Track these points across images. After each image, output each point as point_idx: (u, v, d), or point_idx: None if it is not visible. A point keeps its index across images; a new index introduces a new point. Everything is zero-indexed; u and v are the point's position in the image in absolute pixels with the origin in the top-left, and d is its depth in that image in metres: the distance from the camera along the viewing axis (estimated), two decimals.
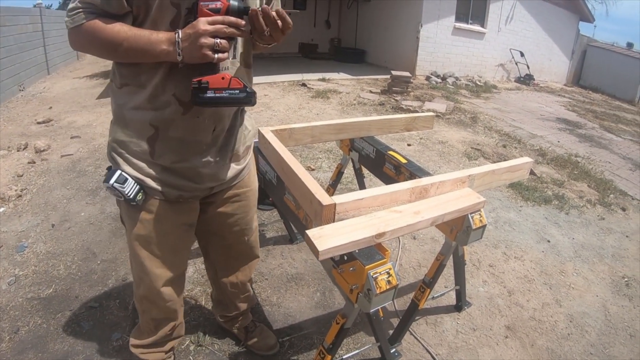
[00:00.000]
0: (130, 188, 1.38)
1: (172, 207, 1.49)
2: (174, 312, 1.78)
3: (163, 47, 1.22)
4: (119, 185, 1.36)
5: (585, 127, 8.81)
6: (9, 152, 4.54)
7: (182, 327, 1.92)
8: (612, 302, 2.94)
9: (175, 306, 1.77)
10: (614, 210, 4.53)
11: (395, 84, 9.01)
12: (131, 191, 1.38)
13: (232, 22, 1.21)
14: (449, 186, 1.89)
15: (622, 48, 19.14)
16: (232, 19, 1.21)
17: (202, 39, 1.18)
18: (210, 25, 1.18)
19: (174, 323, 1.83)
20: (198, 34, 1.17)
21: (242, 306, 2.11)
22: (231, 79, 1.27)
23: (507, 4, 13.19)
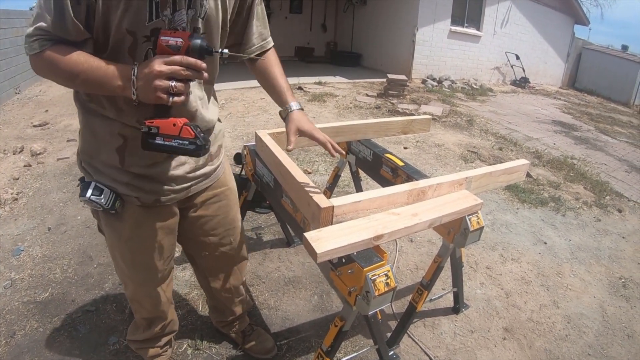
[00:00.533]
0: (107, 198, 1.35)
1: (150, 212, 1.47)
2: (162, 313, 1.81)
3: (119, 82, 1.14)
4: (96, 197, 1.33)
5: (581, 129, 8.84)
6: (4, 155, 4.53)
7: (175, 323, 1.95)
8: (610, 303, 2.95)
9: (163, 307, 1.79)
10: (610, 211, 4.54)
11: (392, 87, 9.03)
12: (108, 201, 1.35)
13: (191, 64, 1.13)
14: (446, 188, 1.89)
15: (617, 50, 19.21)
16: (192, 61, 1.13)
17: (156, 80, 1.10)
18: (166, 66, 1.10)
19: (164, 322, 1.85)
20: (152, 74, 1.10)
21: (238, 310, 2.11)
22: (182, 127, 1.19)
23: (503, 7, 13.24)
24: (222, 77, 1.55)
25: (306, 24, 14.93)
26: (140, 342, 1.91)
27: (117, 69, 1.14)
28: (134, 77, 1.12)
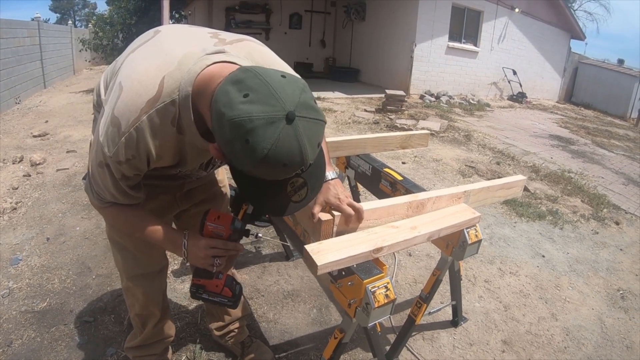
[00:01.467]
0: None
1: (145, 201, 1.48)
2: (154, 308, 1.84)
3: (171, 247, 1.39)
4: None
5: (578, 143, 8.90)
6: (4, 164, 4.55)
7: (171, 327, 1.98)
8: (608, 315, 2.96)
9: (155, 301, 1.84)
10: (608, 224, 4.57)
11: (390, 103, 9.09)
12: None
13: (230, 248, 1.37)
14: (445, 202, 1.92)
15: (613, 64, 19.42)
16: (231, 245, 1.37)
17: (202, 259, 1.35)
18: (211, 250, 1.34)
19: (156, 320, 1.87)
20: (200, 254, 1.34)
21: (233, 312, 2.12)
22: (223, 288, 1.46)
23: (500, 23, 13.39)
24: None
25: (305, 39, 15.06)
26: (137, 349, 1.93)
27: (170, 237, 1.38)
28: (185, 249, 1.35)
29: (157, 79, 1.11)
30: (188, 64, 1.12)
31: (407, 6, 11.54)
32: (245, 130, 0.91)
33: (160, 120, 1.13)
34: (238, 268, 2.92)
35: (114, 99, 1.14)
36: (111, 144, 1.14)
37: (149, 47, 1.22)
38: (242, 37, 1.32)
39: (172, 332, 2.01)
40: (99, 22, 13.52)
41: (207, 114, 1.06)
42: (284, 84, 0.96)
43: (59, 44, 11.84)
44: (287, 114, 0.92)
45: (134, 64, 1.18)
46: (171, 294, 2.59)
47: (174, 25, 1.37)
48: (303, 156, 0.97)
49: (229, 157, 1.01)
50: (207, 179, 1.82)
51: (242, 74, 0.98)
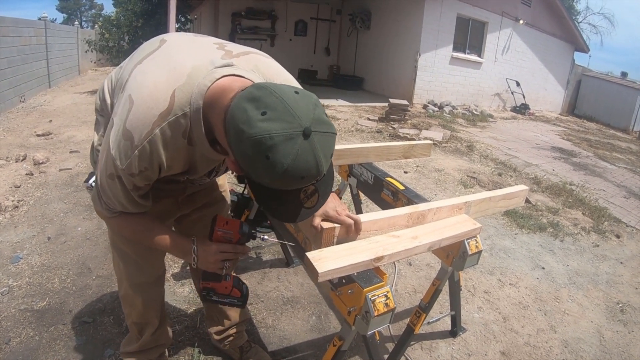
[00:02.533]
0: None
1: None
2: (152, 317, 1.85)
3: (181, 254, 1.44)
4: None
5: (580, 155, 8.91)
6: (7, 162, 4.57)
7: (166, 333, 1.98)
8: (607, 328, 2.96)
9: (153, 310, 1.84)
10: (608, 237, 4.57)
11: (393, 112, 9.12)
12: None
13: (239, 251, 1.44)
14: (446, 212, 1.93)
15: (617, 77, 19.43)
16: (240, 248, 1.44)
17: (213, 264, 1.41)
18: (221, 254, 1.40)
19: (155, 329, 1.88)
20: (211, 259, 1.40)
21: (233, 315, 2.13)
22: (232, 288, 1.53)
23: (504, 34, 13.43)
24: None
25: (310, 46, 15.12)
26: (134, 354, 1.93)
27: (179, 244, 1.42)
28: (194, 255, 1.40)
29: (168, 93, 1.13)
30: (198, 77, 1.15)
31: (412, 16, 11.59)
32: (266, 147, 0.95)
33: (172, 133, 1.16)
34: (238, 273, 2.93)
35: (125, 112, 1.15)
36: (124, 156, 1.16)
37: (156, 58, 1.24)
38: (248, 49, 1.34)
39: (170, 337, 2.02)
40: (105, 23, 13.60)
41: (218, 127, 1.11)
42: (299, 100, 1.00)
43: (65, 44, 11.90)
44: (304, 130, 0.97)
45: (143, 77, 1.19)
46: (171, 297, 2.60)
47: (180, 35, 1.38)
48: (319, 169, 1.02)
49: (248, 170, 1.04)
50: (209, 184, 1.84)
51: (257, 91, 1.01)
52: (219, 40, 1.36)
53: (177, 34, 1.40)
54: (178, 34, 1.40)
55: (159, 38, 1.33)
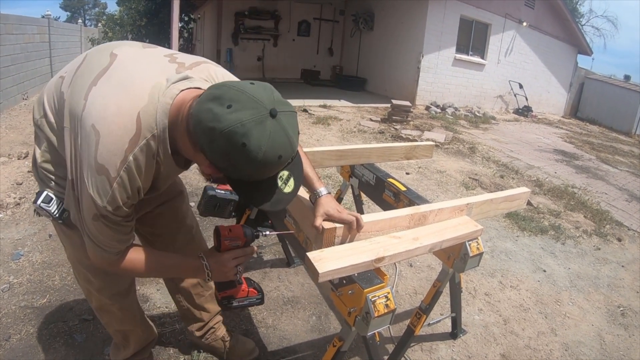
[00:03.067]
0: (56, 207, 1.40)
1: None
2: (132, 321, 1.84)
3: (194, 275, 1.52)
4: (45, 205, 1.38)
5: (582, 158, 8.90)
6: (9, 159, 4.57)
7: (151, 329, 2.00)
8: (608, 331, 2.96)
9: (131, 314, 1.83)
10: (610, 240, 4.56)
11: (396, 113, 9.11)
12: (57, 210, 1.40)
13: (248, 253, 1.47)
14: (447, 214, 1.93)
15: (620, 80, 19.40)
16: (249, 250, 1.47)
17: (229, 272, 1.44)
18: (235, 261, 1.43)
19: (139, 334, 1.89)
20: (226, 268, 1.42)
21: (212, 307, 2.12)
22: (249, 290, 1.56)
23: (507, 36, 13.42)
24: None
25: (313, 47, 15.13)
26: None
27: (190, 265, 1.45)
28: (207, 270, 1.41)
29: (132, 117, 1.13)
30: (158, 96, 1.16)
31: (415, 17, 11.59)
32: (240, 135, 0.99)
33: (144, 156, 1.17)
34: None
35: (93, 145, 1.13)
36: (103, 193, 1.16)
37: (112, 79, 1.20)
38: (198, 59, 1.36)
39: (155, 332, 2.03)
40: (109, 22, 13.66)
41: (181, 139, 1.15)
42: (256, 88, 1.06)
43: (68, 42, 11.90)
44: (270, 111, 1.02)
45: (102, 102, 1.15)
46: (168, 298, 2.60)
47: (129, 47, 1.35)
48: (292, 145, 1.08)
49: (227, 167, 1.08)
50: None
51: (216, 90, 1.06)
52: (168, 50, 1.37)
53: (126, 45, 1.36)
54: (127, 45, 1.37)
55: (108, 51, 1.30)
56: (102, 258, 1.31)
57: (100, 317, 1.82)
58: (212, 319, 2.15)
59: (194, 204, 3.79)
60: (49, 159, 1.39)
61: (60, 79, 1.33)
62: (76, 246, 1.51)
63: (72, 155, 1.21)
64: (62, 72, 1.37)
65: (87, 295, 1.75)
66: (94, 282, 1.64)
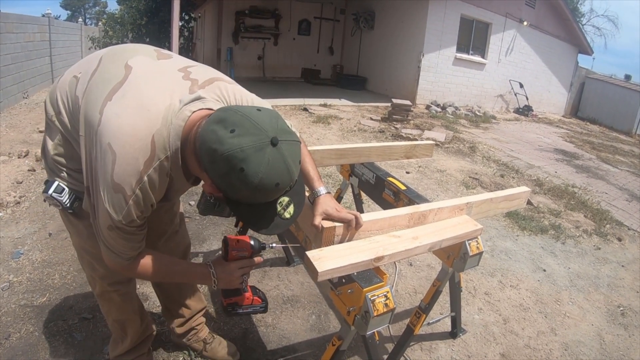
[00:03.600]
0: (67, 197, 1.43)
1: None
2: (131, 311, 1.86)
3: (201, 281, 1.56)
4: (57, 195, 1.42)
5: (583, 158, 8.89)
6: (9, 158, 4.58)
7: (150, 324, 2.01)
8: (608, 331, 2.96)
9: (130, 303, 1.86)
10: (610, 240, 4.56)
11: (396, 112, 9.11)
12: (68, 200, 1.44)
13: (254, 263, 1.52)
14: (447, 213, 1.93)
15: (620, 80, 19.38)
16: (255, 261, 1.51)
17: (235, 280, 1.49)
18: (241, 270, 1.48)
19: (136, 323, 1.90)
20: (233, 277, 1.48)
21: (193, 304, 2.13)
22: (253, 298, 1.61)
23: (508, 35, 13.41)
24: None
25: (313, 46, 15.11)
26: (125, 355, 1.94)
27: (198, 272, 1.51)
28: (214, 278, 1.47)
29: (147, 139, 1.17)
30: (171, 118, 1.20)
31: (415, 16, 11.58)
32: (239, 160, 1.03)
33: (158, 176, 1.22)
34: None
35: (109, 163, 1.16)
36: (119, 209, 1.20)
37: (127, 97, 1.22)
38: (212, 76, 1.37)
39: (153, 328, 2.05)
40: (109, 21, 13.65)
41: (190, 158, 1.20)
42: (261, 115, 1.10)
43: (69, 41, 11.90)
44: (271, 139, 1.06)
45: (118, 122, 1.18)
46: None
47: (144, 59, 1.36)
48: (291, 174, 1.12)
49: (225, 189, 1.12)
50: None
51: (222, 113, 1.10)
52: (182, 62, 1.38)
53: (141, 54, 1.37)
54: (142, 54, 1.37)
55: (124, 61, 1.32)
56: (116, 263, 1.36)
57: (102, 304, 1.84)
58: (194, 318, 2.16)
59: (194, 203, 3.80)
60: (62, 152, 1.42)
61: (75, 79, 1.35)
62: (82, 235, 1.57)
63: (87, 165, 1.25)
64: (75, 70, 1.39)
65: (91, 282, 1.79)
66: (98, 270, 1.67)
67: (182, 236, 2.03)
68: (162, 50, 1.44)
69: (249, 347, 2.33)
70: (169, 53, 1.43)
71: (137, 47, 1.43)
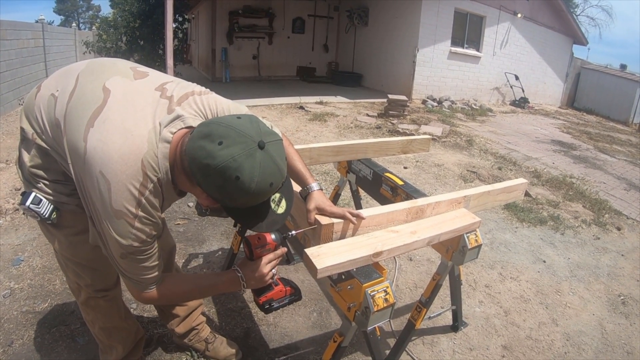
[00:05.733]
0: (45, 208, 1.42)
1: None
2: (117, 314, 1.85)
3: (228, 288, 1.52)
4: (35, 206, 1.40)
5: (580, 148, 8.90)
6: (7, 165, 4.57)
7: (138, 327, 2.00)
8: (609, 320, 2.97)
9: (117, 308, 1.84)
10: (609, 229, 4.57)
11: (392, 108, 9.11)
12: (46, 211, 1.42)
13: (280, 255, 1.51)
14: (444, 207, 1.93)
15: (616, 70, 19.37)
16: (280, 252, 1.51)
17: (266, 277, 1.48)
18: (269, 265, 1.48)
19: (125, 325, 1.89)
20: (264, 274, 1.47)
21: (191, 303, 2.12)
22: (285, 289, 1.59)
23: (502, 28, 13.40)
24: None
25: (308, 44, 15.09)
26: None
27: (225, 281, 1.50)
28: (243, 282, 1.47)
29: (137, 163, 1.19)
30: (156, 141, 1.22)
31: (409, 11, 11.57)
32: (233, 170, 1.07)
33: (153, 197, 1.24)
34: None
35: (105, 192, 1.18)
36: (125, 234, 1.22)
37: (108, 122, 1.23)
38: (186, 90, 1.37)
39: (142, 330, 2.03)
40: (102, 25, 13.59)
41: (180, 177, 1.23)
42: (243, 122, 1.14)
43: (63, 46, 11.86)
44: (258, 143, 1.10)
45: (104, 149, 1.19)
46: None
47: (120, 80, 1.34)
48: (281, 172, 1.17)
49: (222, 199, 1.16)
50: None
51: (205, 128, 1.14)
52: (158, 79, 1.38)
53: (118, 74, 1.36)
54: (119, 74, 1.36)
55: (101, 82, 1.31)
56: (144, 291, 1.37)
57: (86, 312, 1.82)
58: (191, 315, 2.14)
59: (193, 204, 3.80)
60: (38, 164, 1.41)
61: (53, 98, 1.34)
62: (63, 245, 1.56)
63: (82, 194, 1.27)
64: (52, 87, 1.39)
65: (75, 290, 1.76)
66: (83, 278, 1.66)
67: (166, 239, 2.00)
68: (138, 67, 1.44)
69: (251, 346, 2.33)
70: (145, 70, 1.42)
71: (113, 65, 1.43)
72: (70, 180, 1.33)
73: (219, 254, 3.17)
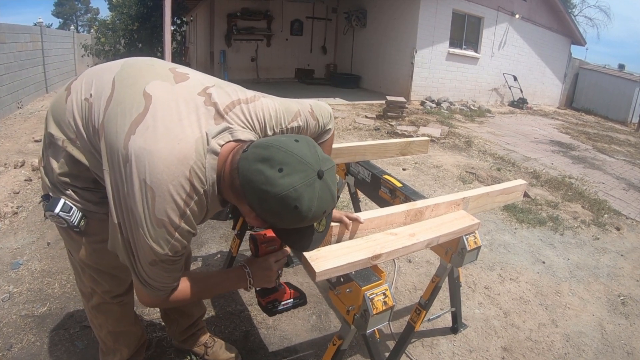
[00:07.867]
0: (75, 215, 1.41)
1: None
2: (129, 319, 1.84)
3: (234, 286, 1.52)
4: (65, 214, 1.38)
5: (579, 148, 8.91)
6: (5, 169, 4.56)
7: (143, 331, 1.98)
8: (609, 321, 2.96)
9: (129, 315, 1.84)
10: (609, 230, 4.57)
11: (391, 109, 9.11)
12: (75, 218, 1.41)
13: (287, 253, 1.56)
14: (443, 209, 1.93)
15: (614, 70, 19.39)
16: (287, 251, 1.56)
17: (273, 275, 1.51)
18: (277, 263, 1.51)
19: (134, 330, 1.88)
20: (271, 271, 1.50)
21: (194, 311, 2.13)
22: (290, 292, 1.62)
23: (500, 29, 13.42)
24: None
25: (306, 45, 15.11)
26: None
27: (232, 278, 1.50)
28: (250, 278, 1.47)
29: (185, 174, 1.16)
30: (203, 152, 1.19)
31: (407, 13, 11.59)
32: (293, 200, 1.06)
33: (198, 209, 1.22)
34: None
35: (148, 200, 1.15)
36: (164, 243, 1.19)
37: (151, 129, 1.19)
38: (232, 99, 1.32)
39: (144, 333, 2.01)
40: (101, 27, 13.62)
41: (225, 191, 1.22)
42: (301, 147, 1.11)
43: (62, 49, 11.86)
44: (317, 172, 1.09)
45: (149, 159, 1.15)
46: None
47: (161, 84, 1.29)
48: (334, 199, 1.18)
49: (274, 223, 1.16)
50: None
51: (264, 151, 1.10)
52: (201, 84, 1.32)
53: (159, 77, 1.31)
54: (160, 77, 1.31)
55: (140, 87, 1.27)
56: (155, 297, 1.34)
57: (96, 316, 1.77)
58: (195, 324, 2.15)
59: None
60: (67, 171, 1.38)
61: (87, 103, 1.31)
62: (86, 251, 1.53)
63: (116, 201, 1.22)
64: (83, 91, 1.34)
65: (87, 294, 1.72)
66: (101, 284, 1.64)
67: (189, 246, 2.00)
68: (177, 68, 1.38)
69: (251, 349, 2.33)
70: (185, 72, 1.37)
71: (151, 68, 1.37)
72: (100, 188, 1.32)
73: (217, 257, 3.17)
